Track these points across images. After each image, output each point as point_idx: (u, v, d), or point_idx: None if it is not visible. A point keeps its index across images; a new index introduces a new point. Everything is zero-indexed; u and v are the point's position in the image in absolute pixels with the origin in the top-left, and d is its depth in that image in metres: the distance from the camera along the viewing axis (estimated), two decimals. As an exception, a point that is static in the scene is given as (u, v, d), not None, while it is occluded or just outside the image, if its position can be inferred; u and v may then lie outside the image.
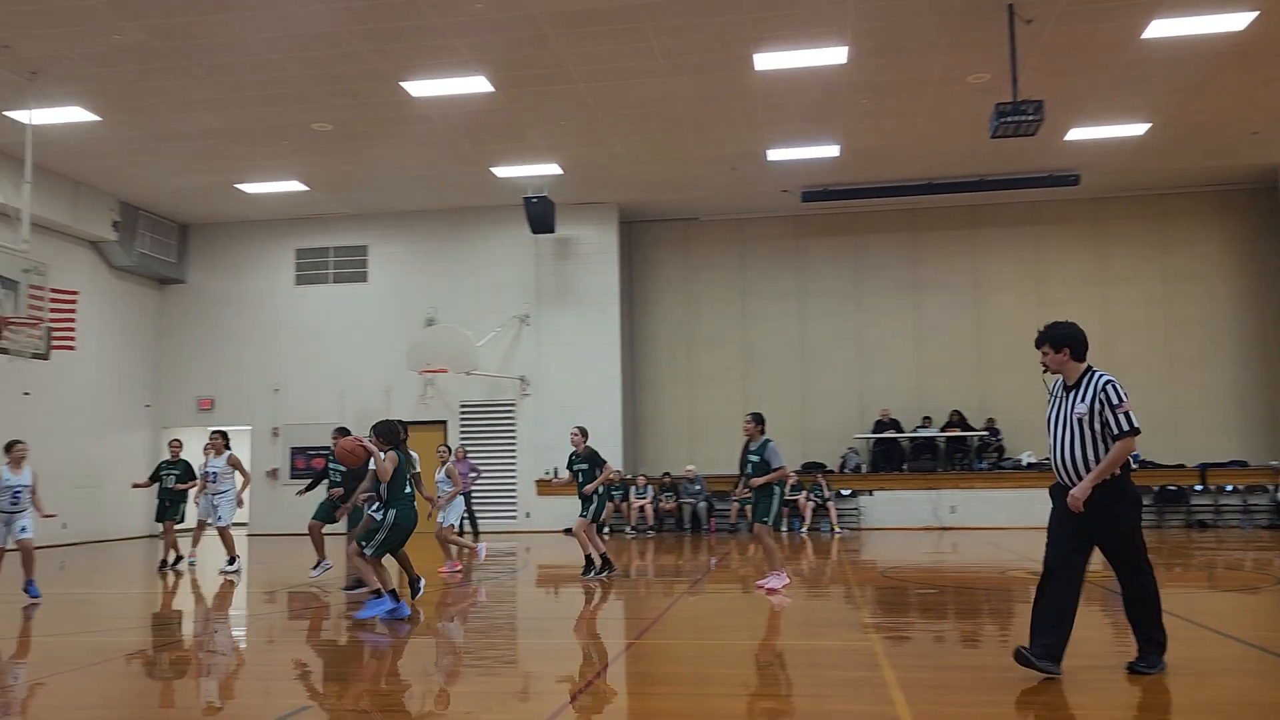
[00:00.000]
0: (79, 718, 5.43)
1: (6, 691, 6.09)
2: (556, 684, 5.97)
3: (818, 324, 21.32)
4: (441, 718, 5.22)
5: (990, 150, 16.99)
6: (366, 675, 6.46)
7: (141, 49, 12.92)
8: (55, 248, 17.90)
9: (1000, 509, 19.06)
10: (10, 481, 10.11)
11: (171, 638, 8.25)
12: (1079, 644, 7.19)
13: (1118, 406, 5.52)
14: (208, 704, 5.73)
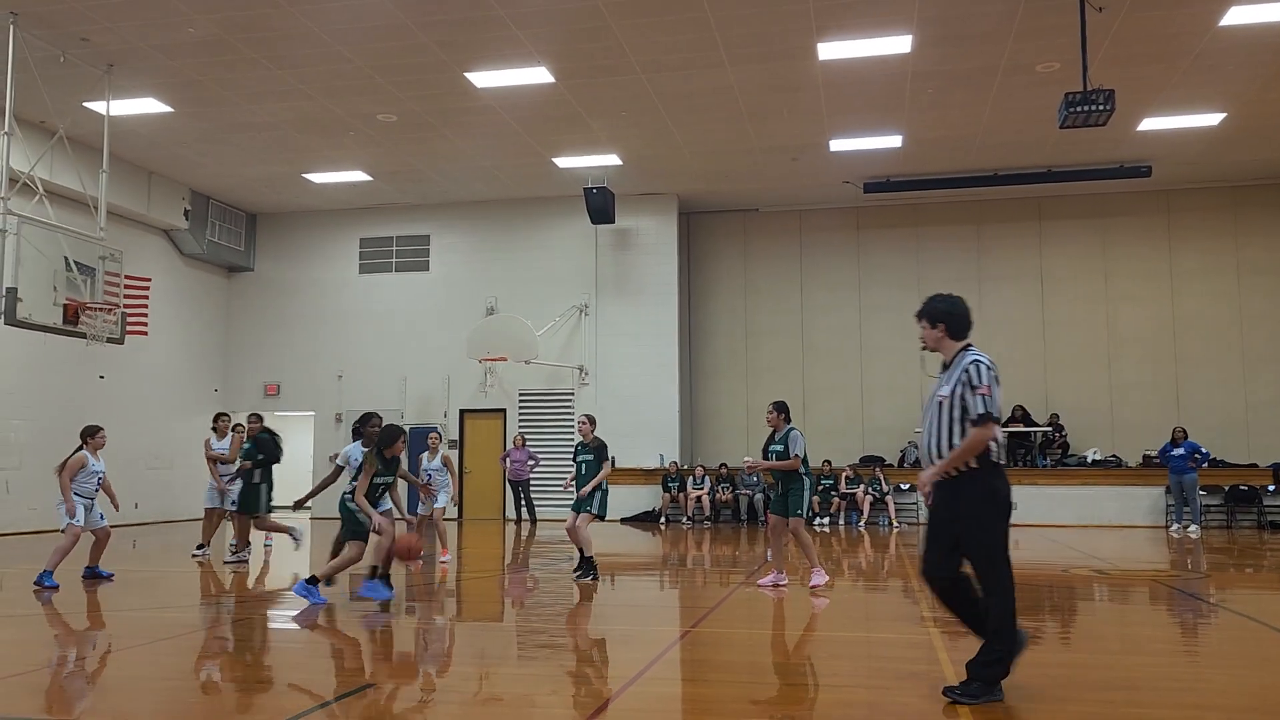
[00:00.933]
0: (160, 688, 5.62)
1: (86, 661, 6.32)
2: (614, 669, 6.03)
3: (878, 316, 21.11)
4: (501, 700, 5.30)
5: (1058, 141, 16.67)
6: (424, 657, 6.57)
7: (213, 42, 13.22)
8: (129, 235, 18.42)
9: (1064, 506, 18.73)
10: (94, 468, 10.37)
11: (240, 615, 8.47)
12: (1139, 641, 7.08)
13: (977, 388, 4.92)
14: (270, 680, 5.88)
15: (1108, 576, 10.89)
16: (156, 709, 5.15)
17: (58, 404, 17.26)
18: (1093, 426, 19.94)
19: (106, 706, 5.23)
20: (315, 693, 5.42)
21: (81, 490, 10.22)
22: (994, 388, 5.00)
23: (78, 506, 10.17)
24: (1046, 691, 5.33)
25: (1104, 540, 15.46)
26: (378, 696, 5.20)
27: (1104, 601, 9.32)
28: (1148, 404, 19.84)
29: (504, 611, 8.56)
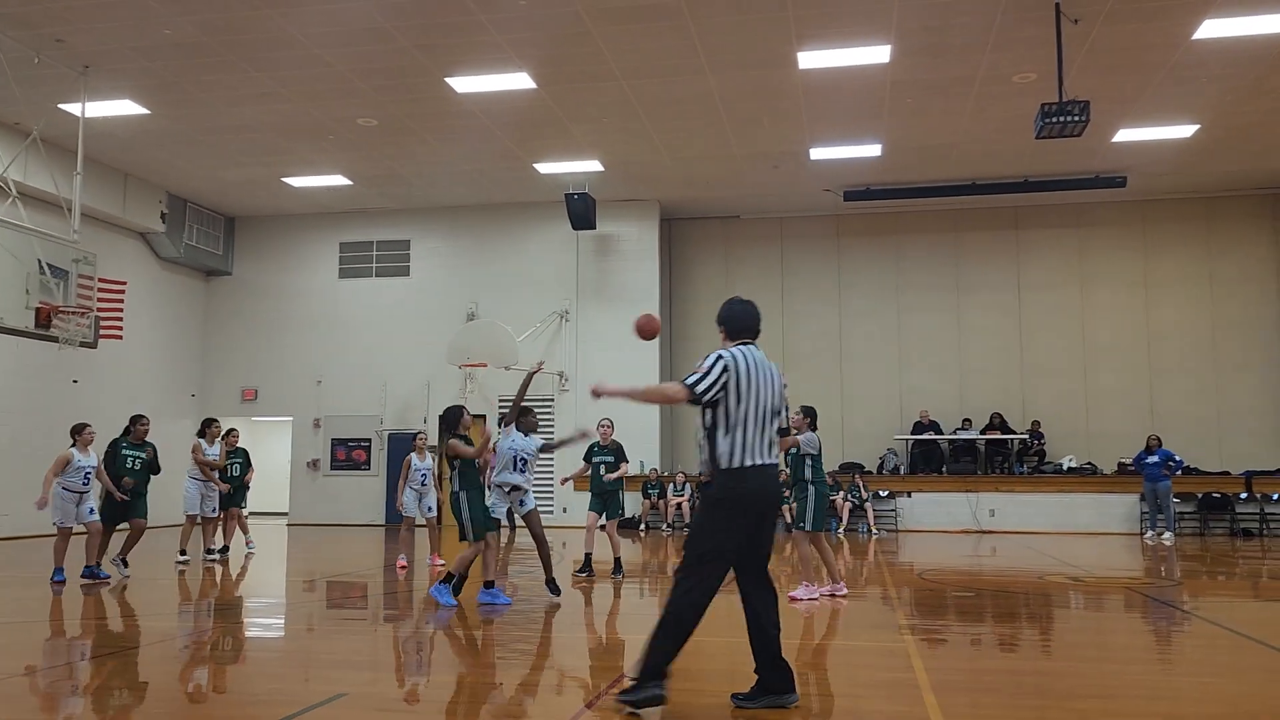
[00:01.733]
0: (128, 698, 5.56)
1: (71, 670, 6.24)
2: (590, 678, 6.01)
3: (858, 324, 21.21)
4: (474, 707, 5.28)
5: (1035, 151, 16.80)
6: (401, 664, 6.54)
7: (191, 44, 13.14)
8: (104, 238, 18.26)
9: (1040, 513, 18.86)
10: (81, 463, 10.48)
11: (218, 624, 8.39)
12: (1113, 648, 7.12)
13: (697, 369, 4.96)
14: (249, 691, 5.83)
15: (1083, 584, 10.96)
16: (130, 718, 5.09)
17: (30, 409, 17.08)
18: (1069, 434, 20.09)
19: (75, 718, 5.16)
20: (282, 702, 5.37)
21: (69, 485, 10.43)
22: (711, 373, 4.89)
23: (67, 503, 10.29)
24: (1021, 699, 5.35)
25: (1079, 547, 15.56)
26: (350, 705, 5.16)
27: (1079, 609, 9.37)
28: (1123, 412, 20.00)
29: (483, 619, 8.52)
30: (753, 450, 4.90)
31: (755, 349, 5.09)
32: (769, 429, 4.99)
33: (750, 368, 4.96)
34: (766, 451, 4.95)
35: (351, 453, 21.37)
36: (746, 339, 5.14)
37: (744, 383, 4.92)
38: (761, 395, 4.95)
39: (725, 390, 4.90)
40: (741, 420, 4.90)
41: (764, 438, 4.95)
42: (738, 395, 4.91)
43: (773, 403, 5.00)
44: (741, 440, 4.89)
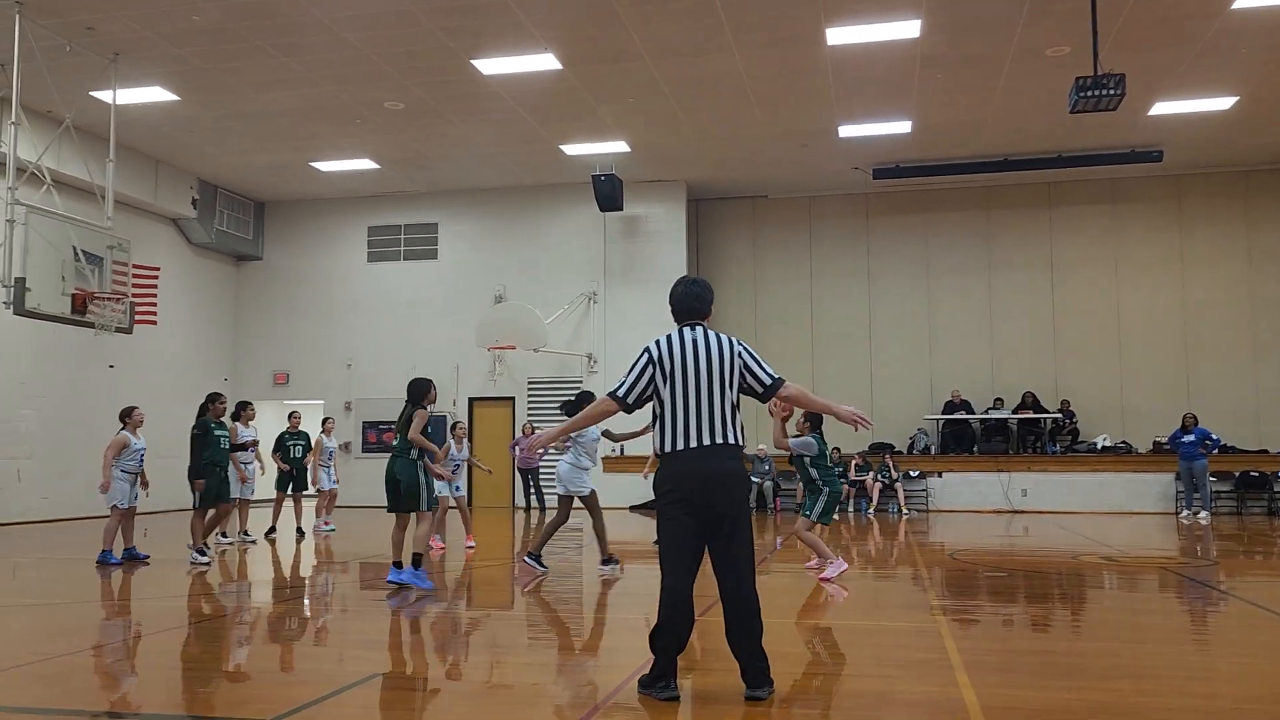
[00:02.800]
0: (157, 676, 5.64)
1: (109, 650, 6.34)
2: (619, 658, 6.03)
3: (887, 303, 21.06)
4: (509, 688, 5.31)
5: (1069, 126, 16.55)
6: (435, 646, 6.59)
7: (219, 30, 13.20)
8: (138, 225, 18.45)
9: (1074, 493, 18.70)
10: (135, 445, 10.91)
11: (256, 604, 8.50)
12: (1148, 629, 7.05)
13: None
14: (285, 670, 5.90)
15: (1117, 564, 10.86)
16: (169, 697, 5.16)
17: (67, 394, 17.35)
18: (1103, 413, 19.87)
19: (117, 695, 5.25)
20: (318, 682, 5.43)
21: (126, 468, 10.76)
22: (633, 372, 4.88)
23: (124, 484, 10.57)
24: (1054, 680, 5.31)
25: (1114, 527, 15.41)
26: (384, 685, 5.21)
27: (1113, 589, 9.29)
28: (1158, 390, 19.75)
29: (514, 600, 8.57)
30: (691, 432, 4.75)
31: (697, 328, 4.94)
32: (718, 406, 4.78)
33: (681, 349, 4.85)
34: (710, 432, 4.75)
35: (382, 435, 21.52)
36: (691, 320, 5.00)
37: (673, 365, 4.82)
38: (699, 374, 4.79)
39: (655, 381, 4.84)
40: (676, 403, 4.80)
41: (707, 417, 4.76)
42: (667, 379, 4.82)
43: (722, 376, 4.81)
44: (675, 423, 4.78)
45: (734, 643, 4.79)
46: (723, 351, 4.88)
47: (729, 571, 4.78)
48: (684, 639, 4.80)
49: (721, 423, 4.80)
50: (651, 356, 4.88)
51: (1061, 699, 4.88)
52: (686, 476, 4.76)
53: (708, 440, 4.77)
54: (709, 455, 4.76)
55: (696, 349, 4.87)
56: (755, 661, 4.76)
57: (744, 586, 4.77)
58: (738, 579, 4.77)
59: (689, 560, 4.78)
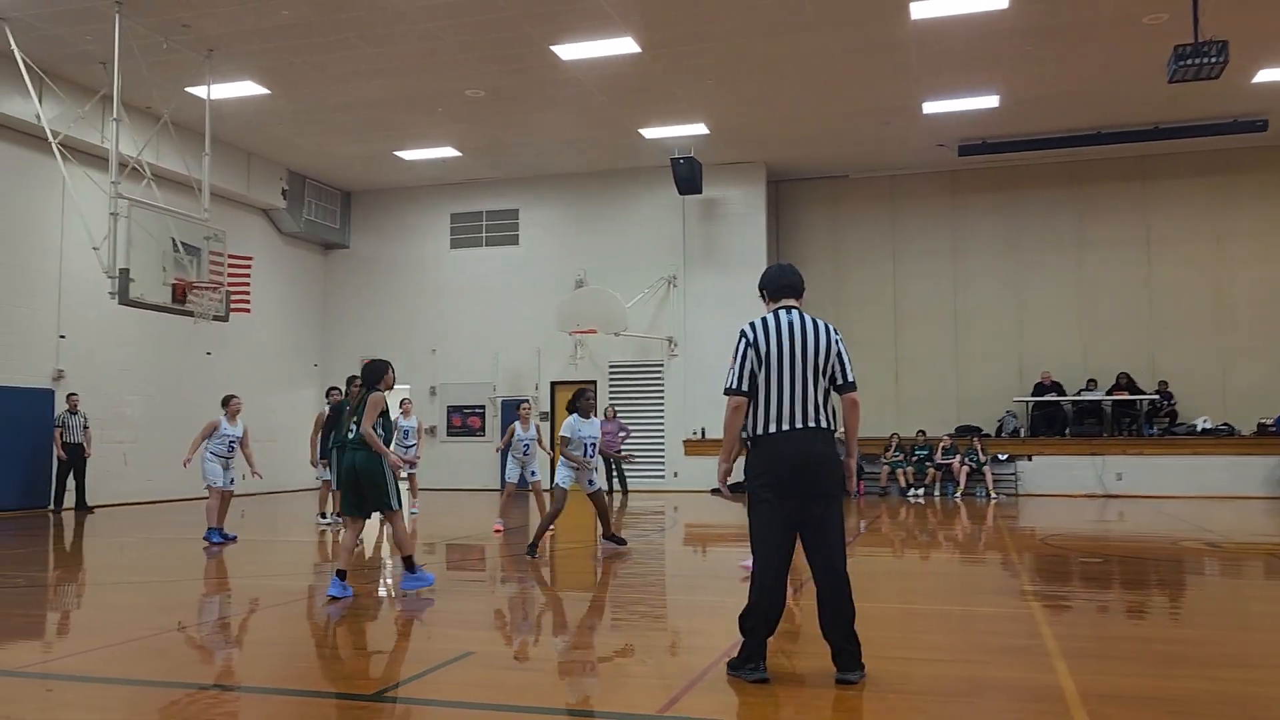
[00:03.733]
0: (260, 651, 5.84)
1: (209, 627, 6.59)
2: (706, 639, 6.04)
3: (973, 283, 20.61)
4: (598, 668, 5.36)
5: (1166, 96, 15.93)
6: (521, 627, 6.69)
7: (307, 23, 13.49)
8: (231, 215, 19.01)
9: (1172, 476, 18.09)
10: (226, 431, 11.38)
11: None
12: (1254, 616, 6.80)
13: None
14: (377, 648, 6.05)
15: (1220, 550, 10.48)
16: (272, 672, 5.34)
17: (169, 380, 18.01)
18: (1202, 394, 19.16)
19: (223, 670, 5.45)
20: (411, 660, 5.56)
21: (215, 450, 11.18)
22: (736, 360, 4.86)
23: (215, 465, 11.07)
24: (1156, 668, 5.16)
25: (1216, 512, 14.87)
26: (478, 664, 5.31)
27: (1215, 575, 8.97)
28: (1263, 371, 18.96)
29: (597, 581, 8.65)
30: (783, 415, 4.74)
31: (793, 311, 4.93)
32: (811, 391, 4.77)
33: (778, 332, 4.83)
34: (804, 415, 4.74)
35: (467, 419, 21.89)
36: (786, 301, 5.00)
37: (769, 348, 4.80)
38: (795, 358, 4.77)
39: (753, 363, 4.82)
40: (771, 386, 4.78)
41: (800, 401, 4.75)
42: (763, 362, 4.80)
43: (816, 363, 4.80)
44: (769, 406, 4.77)
45: (826, 626, 4.77)
46: (818, 337, 4.86)
47: (821, 555, 4.77)
48: (774, 622, 4.80)
49: (815, 407, 4.79)
50: (749, 339, 4.87)
51: (1163, 687, 4.75)
52: (779, 460, 4.76)
53: (800, 424, 4.76)
54: (802, 439, 4.76)
55: (793, 332, 4.84)
56: (847, 645, 4.73)
57: (836, 570, 4.75)
58: (830, 562, 4.75)
59: (780, 543, 4.77)
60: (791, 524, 4.77)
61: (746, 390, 4.83)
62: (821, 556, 4.77)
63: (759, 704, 4.50)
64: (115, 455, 16.91)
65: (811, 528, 4.76)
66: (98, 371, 16.75)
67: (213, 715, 4.44)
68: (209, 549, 10.67)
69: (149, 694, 4.81)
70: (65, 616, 7.30)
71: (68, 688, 4.94)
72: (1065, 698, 4.47)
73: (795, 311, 4.94)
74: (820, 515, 4.75)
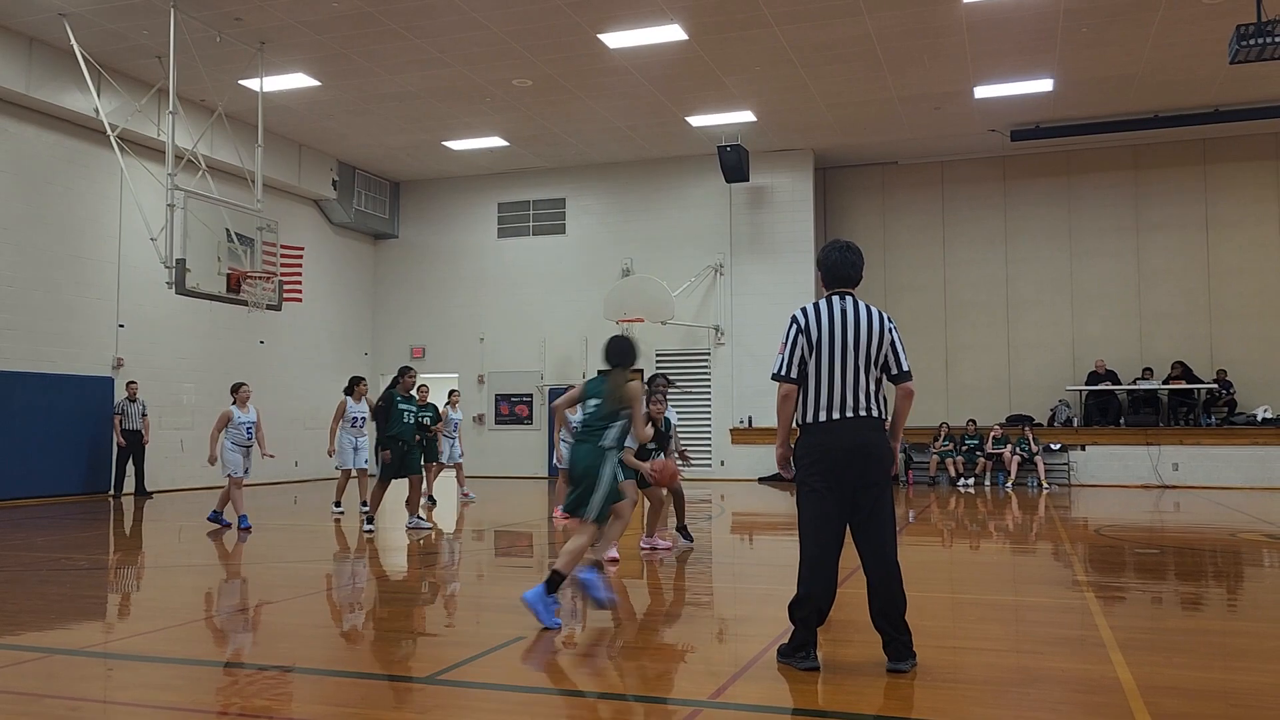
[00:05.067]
0: (316, 635, 5.94)
1: (246, 611, 6.72)
2: (755, 628, 6.03)
3: (1026, 270, 20.30)
4: (648, 654, 5.38)
5: (1228, 77, 15.55)
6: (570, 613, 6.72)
7: (357, 15, 13.62)
8: (282, 206, 19.28)
9: (1230, 467, 17.72)
10: (240, 419, 11.55)
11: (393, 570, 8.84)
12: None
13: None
14: (431, 631, 6.12)
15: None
16: (321, 655, 5.43)
17: (223, 368, 18.31)
18: (1264, 383, 18.71)
19: (280, 651, 5.55)
20: (463, 644, 5.62)
21: (235, 440, 11.32)
22: (786, 347, 4.82)
23: (235, 455, 11.23)
24: (1217, 660, 5.07)
25: (1276, 503, 14.53)
26: (529, 648, 5.36)
27: (1275, 568, 8.77)
28: (1327, 358, 18.46)
29: (644, 569, 8.67)
30: (833, 404, 4.69)
31: (846, 298, 4.84)
32: (863, 380, 4.70)
33: (829, 319, 4.76)
34: (854, 405, 4.68)
35: (515, 407, 22.03)
36: (840, 289, 4.91)
37: (820, 335, 4.74)
38: (847, 346, 4.70)
39: (804, 350, 4.77)
40: (821, 374, 4.72)
41: (851, 391, 4.69)
42: (813, 349, 4.74)
43: (868, 352, 4.71)
44: (820, 394, 4.72)
45: (876, 615, 4.73)
46: (872, 326, 4.77)
47: (871, 545, 4.73)
48: (824, 611, 4.77)
49: (866, 396, 4.73)
50: (800, 325, 4.82)
51: (1224, 680, 4.66)
52: (829, 449, 4.72)
53: (850, 413, 4.71)
54: (852, 428, 4.71)
55: (845, 320, 4.77)
56: (898, 635, 4.70)
57: (886, 559, 4.71)
58: (880, 551, 4.71)
59: (829, 532, 4.74)
60: (840, 513, 4.73)
61: (795, 378, 4.79)
62: (871, 547, 4.72)
63: (809, 692, 4.49)
64: (173, 442, 17.27)
65: (861, 518, 4.72)
66: (155, 360, 17.11)
67: (271, 695, 4.53)
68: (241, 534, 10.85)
69: (209, 674, 4.92)
70: (126, 598, 7.48)
71: (129, 667, 5.06)
72: (1123, 689, 4.40)
73: (850, 298, 4.87)
74: (870, 505, 4.70)
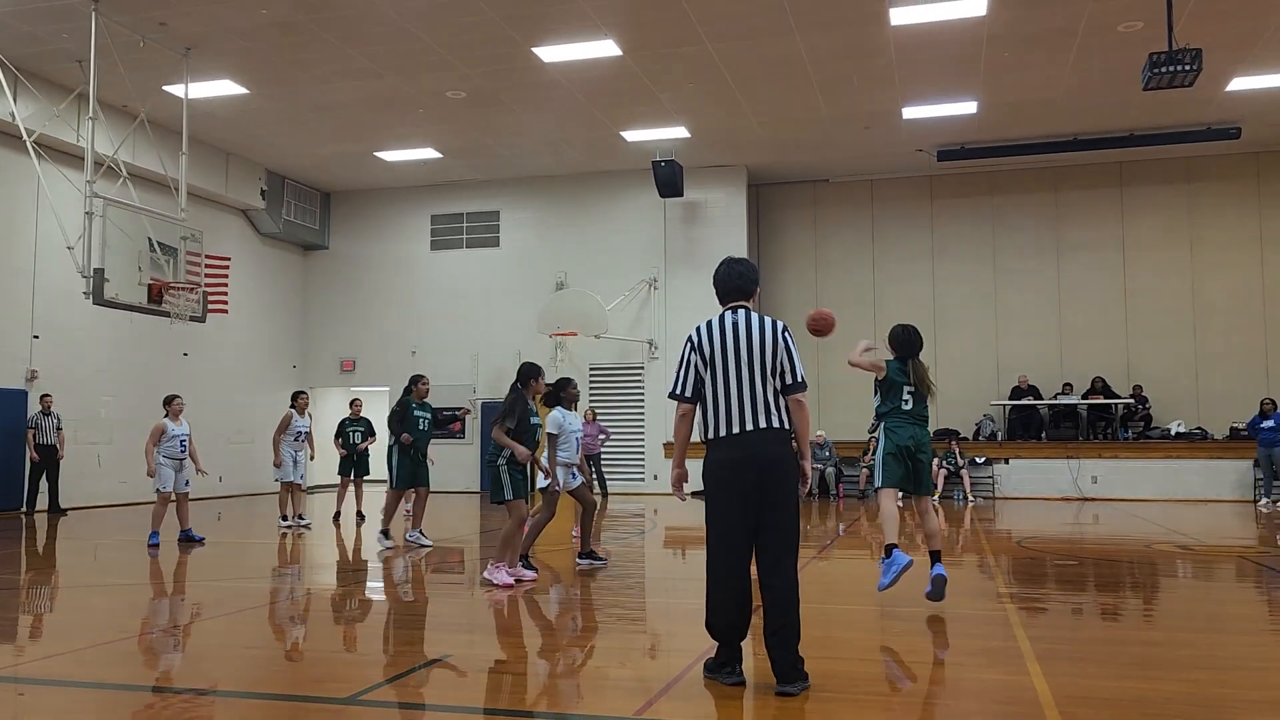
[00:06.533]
0: (236, 655, 5.80)
1: (176, 631, 6.54)
2: (684, 643, 6.04)
3: (952, 287, 20.74)
4: (576, 673, 5.36)
5: (1142, 103, 16.11)
6: (499, 629, 6.67)
7: (286, 23, 13.43)
8: (209, 216, 18.89)
9: (1146, 480, 18.28)
10: (174, 431, 11.28)
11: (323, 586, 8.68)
12: (1226, 619, 6.87)
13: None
14: (354, 651, 6.02)
15: (1192, 552, 10.59)
16: (240, 675, 5.30)
17: (145, 381, 17.83)
18: (1177, 398, 19.36)
19: (193, 673, 5.40)
20: (388, 663, 5.53)
21: (168, 453, 11.03)
22: (680, 367, 4.89)
23: (166, 470, 10.95)
24: (1129, 670, 5.21)
25: (1189, 515, 15.02)
26: (452, 667, 5.30)
27: (1189, 578, 9.07)
28: (1235, 375, 19.18)
29: (577, 583, 8.63)
30: (731, 418, 4.71)
31: (739, 311, 4.88)
32: (760, 392, 4.70)
33: (721, 333, 4.80)
34: (753, 417, 4.68)
35: (447, 423, 21.79)
36: (734, 302, 4.95)
37: (713, 350, 4.78)
38: (740, 358, 4.72)
39: (697, 367, 4.81)
40: (718, 389, 4.75)
41: (750, 403, 4.69)
42: (708, 365, 4.78)
43: (763, 362, 4.72)
44: (717, 410, 4.74)
45: (770, 635, 4.65)
46: (765, 336, 4.79)
47: (768, 559, 4.69)
48: (742, 626, 4.77)
49: (765, 407, 4.72)
50: (693, 344, 4.86)
51: (1137, 689, 4.79)
52: (730, 463, 4.72)
53: (750, 426, 4.71)
54: (752, 441, 4.70)
55: (738, 332, 4.80)
56: (785, 654, 4.61)
57: (785, 576, 4.66)
58: (776, 567, 4.67)
59: (735, 546, 4.72)
60: (746, 528, 4.70)
61: (690, 396, 4.81)
62: (768, 560, 4.69)
63: (734, 707, 4.50)
64: (89, 457, 16.75)
65: (761, 533, 4.70)
66: (72, 372, 16.59)
67: (186, 719, 4.41)
68: (151, 550, 10.58)
69: (122, 698, 4.77)
70: (38, 619, 7.23)
71: (40, 691, 4.89)
72: (1039, 700, 4.50)
73: (742, 311, 4.90)
74: (770, 520, 4.68)
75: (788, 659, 4.61)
